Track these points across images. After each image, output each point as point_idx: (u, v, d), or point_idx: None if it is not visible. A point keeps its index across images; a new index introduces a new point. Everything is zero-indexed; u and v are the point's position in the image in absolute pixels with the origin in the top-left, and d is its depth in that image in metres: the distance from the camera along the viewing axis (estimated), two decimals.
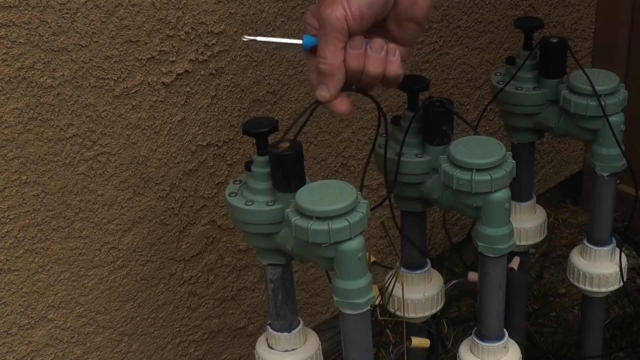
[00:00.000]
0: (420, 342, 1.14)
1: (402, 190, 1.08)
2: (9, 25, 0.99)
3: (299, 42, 0.91)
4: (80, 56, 1.06)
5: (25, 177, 1.07)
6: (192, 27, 1.15)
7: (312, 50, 0.91)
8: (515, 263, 1.20)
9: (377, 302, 1.02)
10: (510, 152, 0.99)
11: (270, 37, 0.99)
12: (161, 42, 1.13)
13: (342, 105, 0.91)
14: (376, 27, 0.91)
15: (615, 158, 1.13)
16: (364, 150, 1.44)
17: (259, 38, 0.94)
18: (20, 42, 1.00)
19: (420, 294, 1.15)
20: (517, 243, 1.15)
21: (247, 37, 0.94)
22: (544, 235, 1.29)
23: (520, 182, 1.21)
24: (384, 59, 0.90)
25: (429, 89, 1.06)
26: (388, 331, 1.10)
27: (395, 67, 0.91)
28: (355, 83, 0.92)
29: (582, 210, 1.91)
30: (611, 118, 1.11)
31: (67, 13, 1.03)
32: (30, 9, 1.00)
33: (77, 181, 1.12)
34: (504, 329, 1.09)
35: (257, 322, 1.41)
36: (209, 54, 1.18)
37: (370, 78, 0.91)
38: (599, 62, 1.76)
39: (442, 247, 1.67)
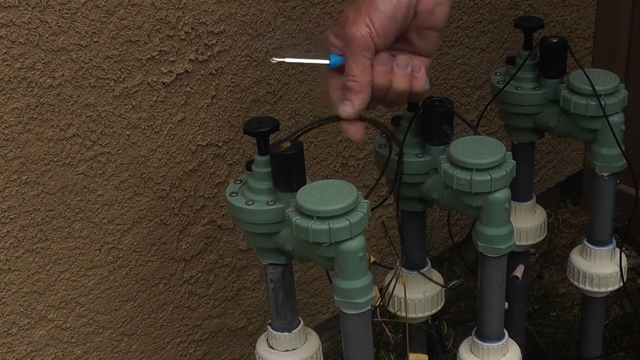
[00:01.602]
0: (418, 358, 1.14)
1: (402, 190, 1.08)
2: (9, 25, 0.99)
3: (326, 62, 0.92)
4: (80, 56, 1.06)
5: (25, 177, 1.07)
6: (192, 27, 1.15)
7: (337, 69, 0.92)
8: (519, 271, 1.20)
9: (377, 303, 1.02)
10: (510, 152, 0.99)
11: (299, 58, 1.00)
12: (161, 42, 1.13)
13: (358, 132, 0.93)
14: (398, 40, 0.92)
15: (615, 158, 1.13)
16: (364, 150, 1.44)
17: (287, 59, 0.95)
18: (20, 42, 1.00)
19: (420, 294, 1.15)
20: (517, 243, 1.15)
21: (275, 59, 0.95)
22: (544, 235, 1.29)
23: (520, 182, 1.21)
24: (410, 75, 0.92)
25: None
26: (388, 333, 1.10)
27: (422, 83, 0.93)
28: (382, 100, 0.93)
29: (582, 210, 1.91)
30: (611, 118, 1.11)
31: (67, 13, 1.03)
32: (30, 9, 1.00)
33: (77, 181, 1.12)
34: (504, 329, 1.09)
35: (257, 322, 1.41)
36: (209, 54, 1.18)
37: (397, 95, 0.92)
38: (599, 62, 1.76)
39: (442, 247, 1.67)
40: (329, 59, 0.92)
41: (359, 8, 0.90)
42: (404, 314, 1.16)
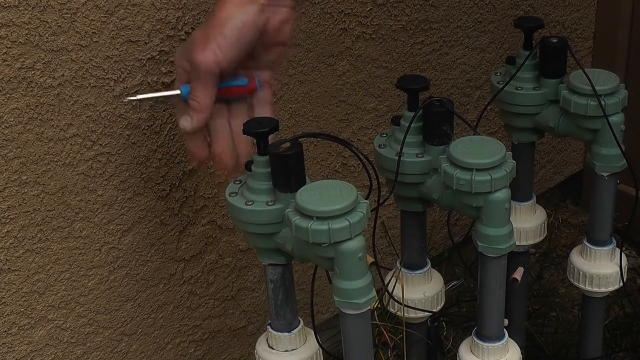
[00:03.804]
0: None
1: (402, 190, 1.08)
2: (9, 25, 0.99)
3: (177, 92, 0.99)
4: (80, 56, 1.06)
5: (25, 177, 1.07)
6: (192, 27, 1.15)
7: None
8: (519, 274, 1.20)
9: (375, 305, 1.02)
10: (510, 152, 0.99)
11: (151, 93, 1.08)
12: (161, 42, 1.13)
13: (199, 148, 1.01)
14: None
15: (615, 158, 1.14)
16: (364, 150, 1.43)
17: (139, 96, 1.02)
18: (20, 42, 1.00)
19: (420, 294, 1.15)
20: (517, 243, 1.15)
21: (128, 99, 1.04)
22: (544, 235, 1.29)
23: (520, 182, 1.21)
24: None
25: (429, 89, 1.06)
26: (387, 335, 1.10)
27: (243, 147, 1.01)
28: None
29: (582, 210, 1.91)
30: (611, 118, 1.11)
31: (67, 13, 1.03)
32: (30, 9, 1.00)
33: (77, 181, 1.12)
34: (504, 329, 1.09)
35: (257, 322, 1.41)
36: None
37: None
38: (599, 62, 1.76)
39: (442, 247, 1.67)
40: (180, 89, 0.98)
41: (206, 33, 0.95)
42: (405, 314, 1.16)
